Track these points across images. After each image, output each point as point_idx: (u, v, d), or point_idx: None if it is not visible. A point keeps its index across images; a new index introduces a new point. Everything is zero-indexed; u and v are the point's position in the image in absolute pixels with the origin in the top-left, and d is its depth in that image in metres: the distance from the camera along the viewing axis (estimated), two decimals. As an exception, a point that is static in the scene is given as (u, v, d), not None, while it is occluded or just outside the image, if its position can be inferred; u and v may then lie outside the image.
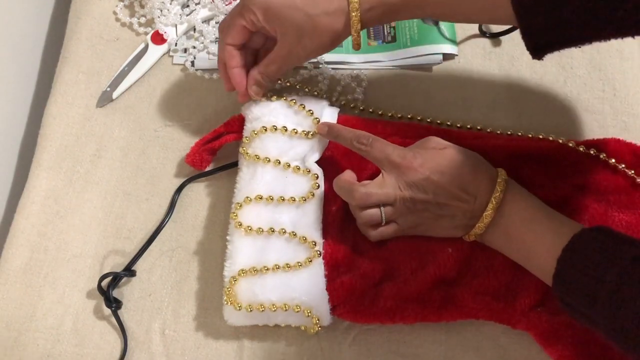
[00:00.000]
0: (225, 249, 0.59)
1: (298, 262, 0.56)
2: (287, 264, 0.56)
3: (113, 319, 0.59)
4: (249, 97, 0.62)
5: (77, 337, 0.59)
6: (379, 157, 0.56)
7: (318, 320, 0.55)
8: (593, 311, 0.46)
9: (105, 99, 0.69)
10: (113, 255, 0.62)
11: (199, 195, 0.64)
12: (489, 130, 0.65)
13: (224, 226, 0.61)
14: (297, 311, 0.55)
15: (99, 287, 0.58)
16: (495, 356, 0.57)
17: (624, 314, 0.44)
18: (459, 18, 0.61)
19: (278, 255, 0.57)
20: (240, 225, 0.58)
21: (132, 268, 0.60)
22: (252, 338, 0.58)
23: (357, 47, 0.60)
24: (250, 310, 0.55)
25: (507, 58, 0.70)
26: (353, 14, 0.56)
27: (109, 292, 0.58)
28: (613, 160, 0.60)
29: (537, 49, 0.54)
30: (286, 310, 0.55)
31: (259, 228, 0.58)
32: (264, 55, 0.61)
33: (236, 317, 0.56)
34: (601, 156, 0.60)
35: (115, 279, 0.59)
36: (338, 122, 0.63)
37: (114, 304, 0.58)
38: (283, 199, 0.59)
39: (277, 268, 0.56)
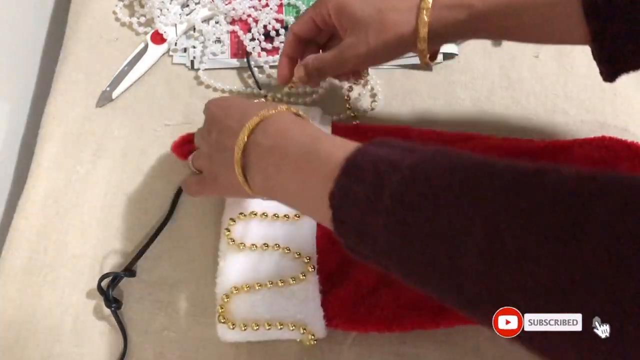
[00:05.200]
0: (225, 249, 0.59)
1: (292, 278, 0.55)
2: (281, 280, 0.56)
3: (113, 319, 0.59)
4: (285, 82, 0.63)
5: (77, 337, 0.59)
6: None
7: (313, 335, 0.54)
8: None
9: (105, 98, 0.69)
10: (113, 255, 0.62)
11: (199, 195, 0.64)
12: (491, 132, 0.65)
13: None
14: (292, 329, 0.54)
15: (99, 287, 0.58)
16: (495, 356, 0.57)
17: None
18: (531, 38, 0.56)
19: (272, 271, 0.56)
20: (233, 241, 0.57)
21: (132, 268, 0.60)
22: (252, 338, 0.58)
23: (425, 64, 0.55)
24: (244, 329, 0.54)
25: (508, 58, 0.70)
26: (423, 11, 0.51)
27: (108, 292, 0.58)
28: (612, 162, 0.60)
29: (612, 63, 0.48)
30: (281, 328, 0.54)
31: (252, 244, 0.57)
32: None
33: (230, 335, 0.55)
34: (600, 155, 0.60)
35: (115, 279, 0.59)
36: (333, 131, 0.63)
37: (114, 304, 0.58)
38: (277, 217, 0.58)
39: (270, 284, 0.56)
